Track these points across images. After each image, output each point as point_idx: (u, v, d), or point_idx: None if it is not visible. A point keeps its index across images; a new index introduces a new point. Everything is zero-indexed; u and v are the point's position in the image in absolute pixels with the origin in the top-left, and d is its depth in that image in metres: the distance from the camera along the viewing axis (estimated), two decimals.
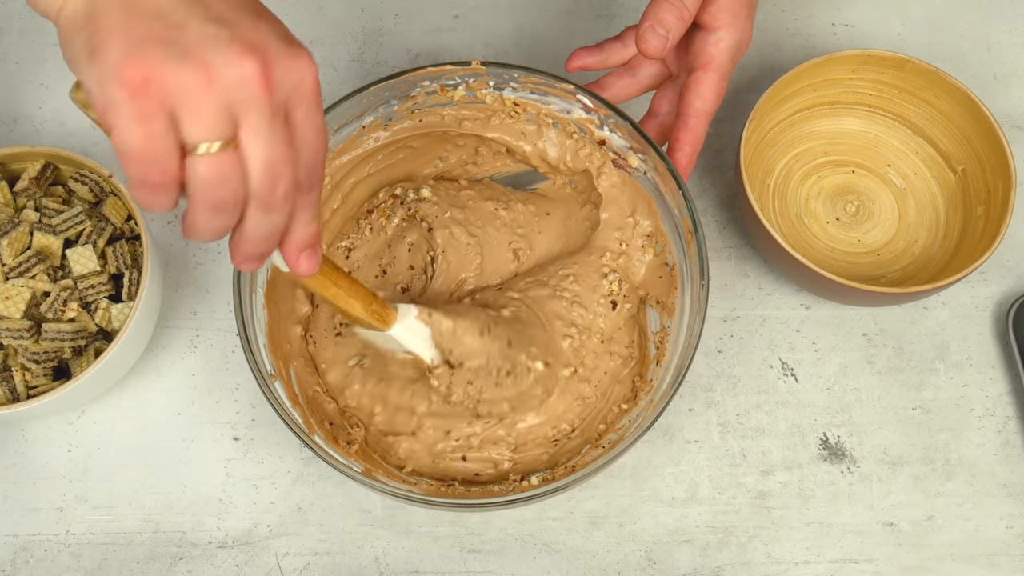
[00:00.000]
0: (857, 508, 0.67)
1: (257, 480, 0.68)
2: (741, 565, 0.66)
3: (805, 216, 0.74)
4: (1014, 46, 0.81)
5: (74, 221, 0.66)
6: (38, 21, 0.80)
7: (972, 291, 0.73)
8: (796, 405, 0.70)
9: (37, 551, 0.66)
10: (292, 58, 0.42)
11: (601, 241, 0.70)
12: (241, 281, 0.63)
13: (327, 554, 0.66)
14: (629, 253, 0.69)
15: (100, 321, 0.65)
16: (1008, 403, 0.70)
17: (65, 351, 0.64)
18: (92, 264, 0.65)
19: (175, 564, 0.66)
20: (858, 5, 0.82)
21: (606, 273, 0.69)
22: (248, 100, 0.40)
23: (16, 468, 0.68)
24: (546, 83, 0.67)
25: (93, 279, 0.65)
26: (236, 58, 0.40)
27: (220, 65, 0.40)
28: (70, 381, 0.62)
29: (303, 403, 0.64)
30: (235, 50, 0.40)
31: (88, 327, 0.65)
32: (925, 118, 0.74)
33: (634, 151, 0.68)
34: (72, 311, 0.64)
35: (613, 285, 0.68)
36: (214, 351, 0.71)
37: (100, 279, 0.65)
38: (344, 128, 0.68)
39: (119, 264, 0.67)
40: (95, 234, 0.67)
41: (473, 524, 0.67)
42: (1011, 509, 0.67)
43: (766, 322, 0.72)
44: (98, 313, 0.65)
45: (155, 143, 0.40)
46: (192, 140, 0.40)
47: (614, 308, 0.68)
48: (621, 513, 0.67)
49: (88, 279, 0.65)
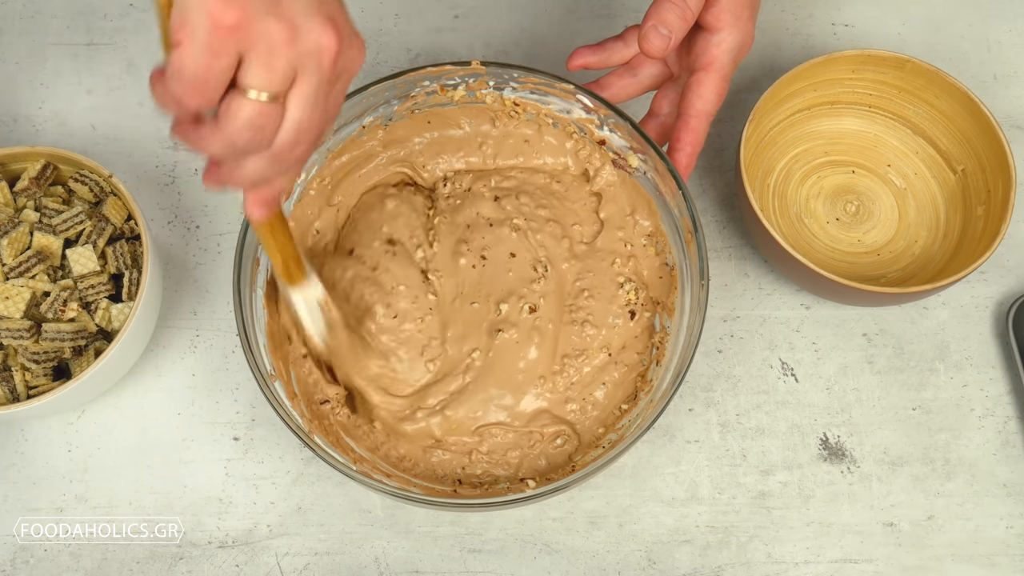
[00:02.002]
0: (857, 508, 0.67)
1: (257, 480, 0.68)
2: (741, 565, 0.66)
3: (805, 216, 0.74)
4: (1014, 46, 0.81)
5: (74, 221, 0.66)
6: (38, 21, 0.80)
7: (972, 291, 0.73)
8: (796, 405, 0.70)
9: (37, 551, 0.66)
10: (355, 42, 0.47)
11: (607, 244, 0.69)
12: (241, 281, 0.63)
13: (327, 554, 0.66)
14: (636, 254, 0.69)
15: (100, 321, 0.65)
16: (1008, 403, 0.70)
17: (65, 351, 0.64)
18: (92, 264, 0.65)
19: (175, 564, 0.66)
20: (858, 5, 0.82)
21: (622, 283, 0.68)
22: (314, 67, 0.44)
23: (16, 468, 0.68)
24: (546, 83, 0.67)
25: (93, 279, 0.65)
26: (319, 27, 0.44)
27: (305, 29, 0.43)
28: (70, 381, 0.62)
29: (302, 402, 0.64)
30: (319, 20, 0.44)
31: (88, 327, 0.65)
32: (925, 118, 0.74)
33: (634, 151, 0.68)
34: (72, 311, 0.64)
35: (631, 295, 0.68)
36: (214, 351, 0.71)
37: (100, 279, 0.65)
38: (344, 128, 0.68)
39: (119, 264, 0.67)
40: (95, 234, 0.67)
41: (473, 524, 0.67)
42: (1011, 509, 0.67)
43: (766, 322, 0.72)
44: (98, 313, 0.65)
45: (213, 75, 0.42)
46: (250, 84, 0.43)
47: (633, 318, 0.68)
48: (621, 513, 0.67)
49: (88, 279, 0.65)
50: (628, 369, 0.67)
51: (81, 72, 0.79)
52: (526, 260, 0.68)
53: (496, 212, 0.69)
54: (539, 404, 0.66)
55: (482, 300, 0.67)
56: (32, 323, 0.64)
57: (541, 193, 0.70)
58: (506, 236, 0.68)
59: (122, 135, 0.77)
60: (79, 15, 0.80)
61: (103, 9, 0.80)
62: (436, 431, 0.65)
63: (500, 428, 0.65)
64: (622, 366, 0.67)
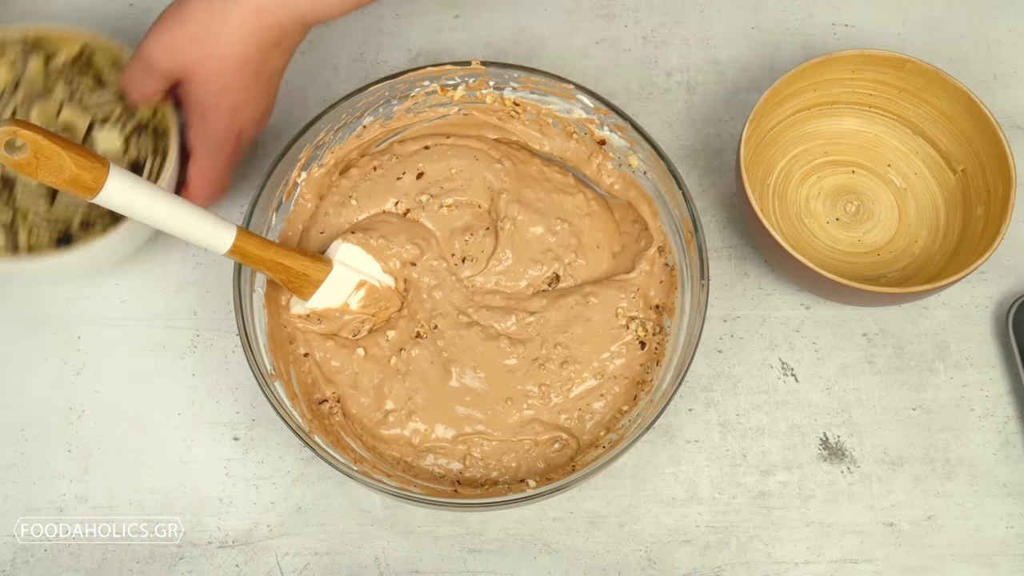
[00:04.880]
0: (857, 508, 0.67)
1: (257, 480, 0.68)
2: (741, 565, 0.66)
3: (805, 216, 0.74)
4: (1014, 46, 0.81)
5: (106, 100, 0.67)
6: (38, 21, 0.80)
7: (972, 291, 0.73)
8: (796, 405, 0.70)
9: (37, 551, 0.66)
10: None
11: (606, 288, 0.68)
12: (241, 281, 0.63)
13: (327, 554, 0.66)
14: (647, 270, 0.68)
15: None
16: (1008, 403, 0.70)
17: (75, 222, 0.65)
18: (117, 145, 0.66)
19: (175, 564, 0.66)
20: (858, 5, 0.82)
21: (626, 324, 0.67)
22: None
23: (16, 468, 0.68)
24: (546, 83, 0.68)
25: (114, 160, 0.66)
26: None
27: None
28: (73, 246, 0.63)
29: (303, 402, 0.64)
30: None
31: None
32: (925, 118, 0.74)
33: (634, 151, 0.68)
34: None
35: (639, 331, 0.67)
36: (214, 351, 0.71)
37: (121, 163, 0.66)
38: (344, 128, 0.68)
39: (140, 153, 0.67)
40: (124, 117, 0.67)
41: (473, 524, 0.67)
42: (1011, 509, 0.67)
43: (766, 322, 0.72)
44: None
45: None
46: None
47: (643, 348, 0.67)
48: (621, 513, 0.67)
49: (110, 158, 0.65)
50: (629, 381, 0.67)
51: None
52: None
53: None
54: (525, 414, 0.66)
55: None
56: (50, 188, 0.64)
57: None
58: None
59: None
60: (79, 15, 0.80)
61: (103, 9, 0.80)
62: (413, 439, 0.65)
63: (481, 437, 0.65)
64: (623, 379, 0.67)
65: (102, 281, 0.72)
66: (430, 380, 0.66)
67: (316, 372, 0.66)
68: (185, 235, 0.57)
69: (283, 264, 0.62)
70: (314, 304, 0.65)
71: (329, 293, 0.65)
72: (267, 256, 0.61)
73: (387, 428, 0.65)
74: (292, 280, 0.63)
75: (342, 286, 0.65)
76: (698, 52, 0.80)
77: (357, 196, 0.69)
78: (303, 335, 0.66)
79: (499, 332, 0.67)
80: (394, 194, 0.70)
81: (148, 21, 0.63)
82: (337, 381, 0.66)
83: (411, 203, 0.70)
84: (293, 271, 0.62)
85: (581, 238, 0.69)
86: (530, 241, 0.69)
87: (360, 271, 0.66)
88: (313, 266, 0.63)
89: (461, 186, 0.70)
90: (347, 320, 0.66)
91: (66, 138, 0.52)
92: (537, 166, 0.71)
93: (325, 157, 0.69)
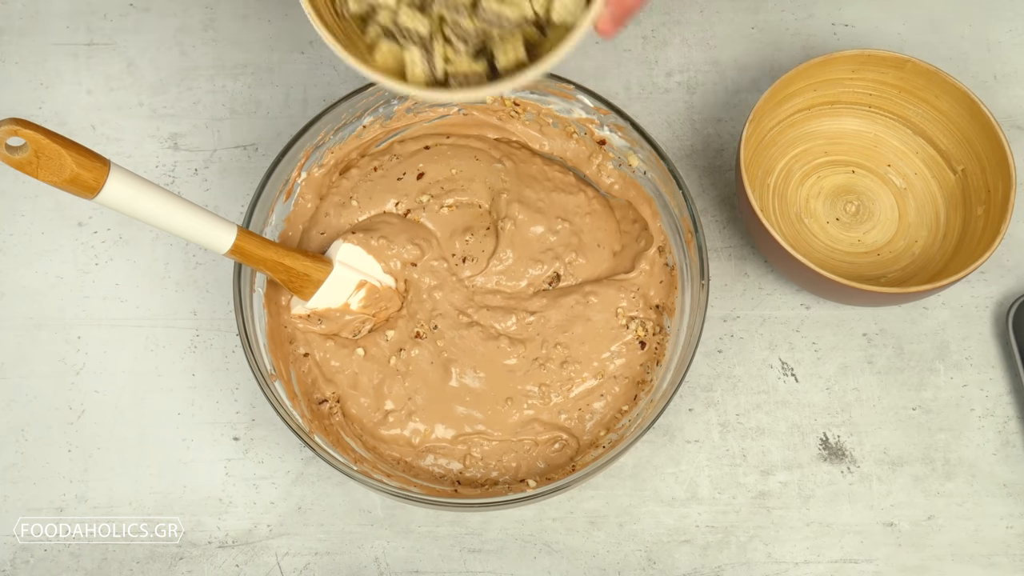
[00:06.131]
0: (857, 508, 0.67)
1: (257, 480, 0.68)
2: (741, 565, 0.66)
3: (805, 216, 0.74)
4: (1014, 46, 0.81)
5: None
6: (38, 21, 0.80)
7: (972, 291, 0.73)
8: (796, 405, 0.70)
9: (37, 551, 0.66)
10: None
11: (606, 287, 0.68)
12: (241, 281, 0.63)
13: (327, 554, 0.66)
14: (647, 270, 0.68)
15: (538, 7, 0.51)
16: (1008, 403, 0.70)
17: (494, 34, 0.51)
18: None
19: (175, 564, 0.66)
20: (858, 5, 0.82)
21: (626, 323, 0.67)
22: None
23: (16, 468, 0.68)
24: (546, 83, 0.67)
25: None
26: None
27: None
28: (529, 68, 0.50)
29: (303, 402, 0.64)
30: None
31: (524, 10, 0.51)
32: (925, 118, 0.74)
33: (634, 151, 0.68)
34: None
35: (639, 331, 0.67)
36: (214, 351, 0.71)
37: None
38: (344, 128, 0.68)
39: None
40: None
41: (473, 524, 0.67)
42: (1011, 509, 0.67)
43: (766, 322, 0.72)
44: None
45: None
46: None
47: (643, 348, 0.67)
48: (621, 513, 0.67)
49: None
50: (629, 381, 0.67)
51: (81, 72, 0.79)
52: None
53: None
54: (525, 414, 0.66)
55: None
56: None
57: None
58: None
59: (122, 135, 0.77)
60: (79, 15, 0.80)
61: (103, 9, 0.80)
62: (413, 439, 0.65)
63: (481, 437, 0.65)
64: (623, 379, 0.67)
65: (102, 281, 0.72)
66: (430, 380, 0.66)
67: (316, 372, 0.66)
68: (186, 235, 0.57)
69: (284, 264, 0.62)
70: (315, 304, 0.65)
71: (330, 293, 0.65)
72: (268, 256, 0.61)
73: (387, 428, 0.65)
74: (293, 280, 0.63)
75: (343, 286, 0.65)
76: (698, 52, 0.80)
77: (358, 197, 0.69)
78: (303, 335, 0.66)
79: (499, 332, 0.67)
80: (394, 194, 0.70)
81: (148, 21, 0.63)
82: (337, 381, 0.66)
83: (412, 203, 0.70)
84: (294, 271, 0.62)
85: (582, 237, 0.69)
86: (531, 240, 0.69)
87: (361, 271, 0.66)
88: (314, 266, 0.63)
89: (461, 186, 0.70)
90: (348, 320, 0.66)
91: (66, 137, 0.52)
92: (538, 165, 0.71)
93: (325, 157, 0.69)
